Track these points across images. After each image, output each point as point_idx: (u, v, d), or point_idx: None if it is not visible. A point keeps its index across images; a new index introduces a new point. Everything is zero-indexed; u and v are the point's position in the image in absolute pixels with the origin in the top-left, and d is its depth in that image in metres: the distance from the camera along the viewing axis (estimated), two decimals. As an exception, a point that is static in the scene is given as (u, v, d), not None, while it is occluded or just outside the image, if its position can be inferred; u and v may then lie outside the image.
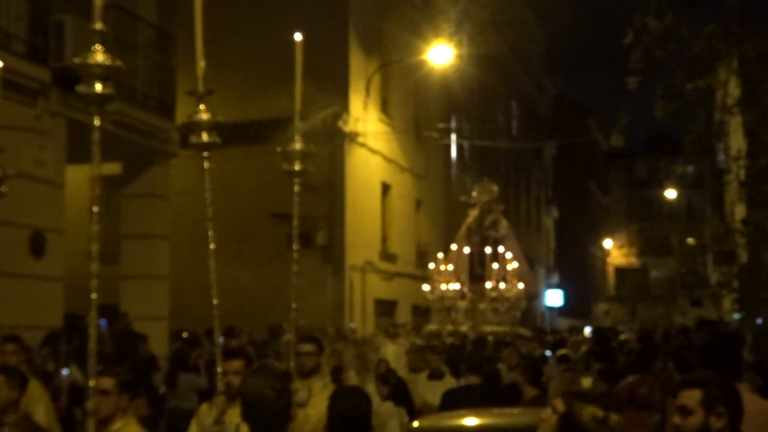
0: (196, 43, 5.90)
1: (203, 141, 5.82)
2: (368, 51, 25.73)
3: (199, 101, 5.91)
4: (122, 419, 5.85)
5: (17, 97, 13.01)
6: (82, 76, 4.69)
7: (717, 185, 37.03)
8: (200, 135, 5.82)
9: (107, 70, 4.69)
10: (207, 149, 5.89)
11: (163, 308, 17.14)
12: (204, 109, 5.81)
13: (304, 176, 6.94)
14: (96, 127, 4.80)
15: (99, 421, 5.44)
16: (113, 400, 5.80)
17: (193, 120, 5.87)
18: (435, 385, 12.12)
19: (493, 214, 26.49)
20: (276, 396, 4.43)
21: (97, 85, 4.64)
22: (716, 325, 16.14)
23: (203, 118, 5.82)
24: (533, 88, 49.67)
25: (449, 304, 23.88)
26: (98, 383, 5.52)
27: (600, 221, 70.29)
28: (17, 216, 13.04)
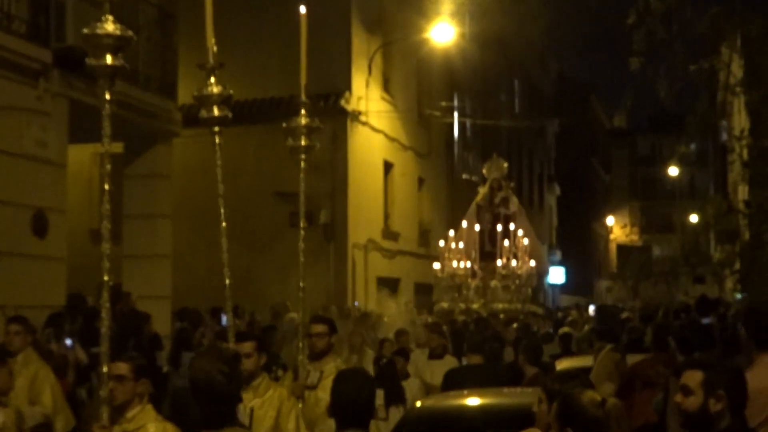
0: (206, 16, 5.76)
1: (214, 115, 5.69)
2: (370, 30, 25.65)
3: (210, 74, 5.76)
4: (138, 405, 5.67)
5: (19, 78, 13.01)
6: (91, 48, 4.47)
7: (720, 163, 37.00)
8: (211, 109, 5.68)
9: (118, 40, 4.51)
10: (218, 124, 5.76)
11: (165, 287, 17.17)
12: (214, 83, 5.67)
13: (310, 152, 6.81)
14: (106, 100, 4.62)
15: (114, 408, 5.39)
16: (130, 386, 5.63)
17: (204, 93, 5.74)
18: (435, 365, 12.16)
19: (504, 191, 26.58)
20: (225, 380, 4.42)
21: (108, 57, 4.47)
22: (717, 304, 16.13)
23: (214, 92, 5.69)
24: (536, 67, 49.54)
25: (460, 282, 23.90)
26: (114, 368, 5.43)
27: (602, 199, 70.26)
28: (20, 196, 13.06)
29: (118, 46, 4.53)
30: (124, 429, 5.54)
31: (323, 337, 7.62)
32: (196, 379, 4.50)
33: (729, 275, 18.80)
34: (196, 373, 4.52)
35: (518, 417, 7.19)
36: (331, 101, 23.53)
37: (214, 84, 5.66)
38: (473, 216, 26.03)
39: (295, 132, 6.88)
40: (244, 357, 6.32)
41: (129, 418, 5.60)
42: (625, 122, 22.71)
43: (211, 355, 4.65)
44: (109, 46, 4.49)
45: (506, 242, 24.23)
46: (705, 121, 13.67)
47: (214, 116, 5.71)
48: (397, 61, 27.75)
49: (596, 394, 3.79)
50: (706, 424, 4.33)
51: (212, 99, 5.67)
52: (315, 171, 23.44)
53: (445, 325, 16.46)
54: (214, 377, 4.42)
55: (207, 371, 4.45)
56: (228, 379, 4.44)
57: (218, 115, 5.71)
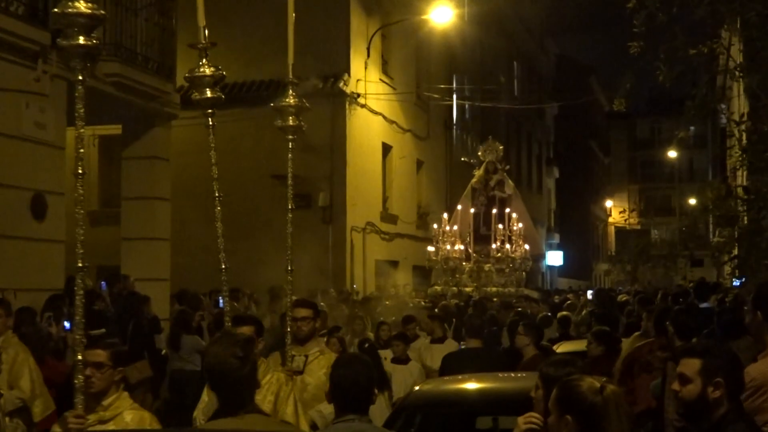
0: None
1: (207, 97, 5.53)
2: (369, 11, 25.59)
3: (202, 54, 5.53)
4: (115, 393, 5.59)
5: (17, 60, 12.96)
6: (62, 27, 4.30)
7: (719, 147, 36.98)
8: (203, 91, 5.52)
9: (90, 19, 4.29)
10: (211, 106, 5.58)
11: (164, 270, 17.16)
12: (207, 63, 5.48)
13: (298, 132, 6.67)
14: (80, 81, 4.43)
15: (91, 396, 5.31)
16: (108, 374, 5.52)
17: (195, 75, 5.55)
18: (435, 349, 12.18)
19: (499, 174, 26.31)
20: (239, 364, 4.40)
21: (80, 37, 4.26)
22: (716, 288, 16.16)
23: (206, 73, 5.51)
24: (535, 49, 49.43)
25: (453, 265, 23.72)
26: (92, 356, 5.35)
27: (601, 181, 70.26)
28: (18, 179, 13.04)
29: (90, 26, 4.32)
30: (100, 417, 5.46)
31: (308, 322, 7.40)
32: (211, 365, 4.49)
33: (727, 260, 18.80)
34: (210, 358, 4.51)
35: (517, 401, 7.21)
36: (329, 83, 23.50)
37: (207, 65, 5.48)
38: (468, 199, 25.90)
39: (283, 112, 6.63)
40: None
41: (105, 405, 5.51)
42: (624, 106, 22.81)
43: (225, 340, 4.62)
44: (80, 25, 4.27)
45: (500, 226, 24.08)
46: (704, 105, 13.63)
47: (207, 98, 5.54)
48: (396, 44, 27.70)
49: (595, 381, 3.79)
50: (704, 412, 4.33)
51: (204, 80, 5.50)
52: (313, 153, 23.49)
53: (437, 309, 16.50)
54: (227, 361, 4.40)
55: (221, 356, 4.44)
56: (242, 362, 4.41)
57: (211, 96, 5.54)
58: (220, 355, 4.45)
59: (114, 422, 5.48)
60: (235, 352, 4.42)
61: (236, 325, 6.33)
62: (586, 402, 3.72)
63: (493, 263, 23.96)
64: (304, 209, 23.49)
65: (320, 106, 23.50)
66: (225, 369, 4.41)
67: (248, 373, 4.45)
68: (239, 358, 4.41)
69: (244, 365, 4.42)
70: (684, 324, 8.79)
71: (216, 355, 4.49)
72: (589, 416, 3.69)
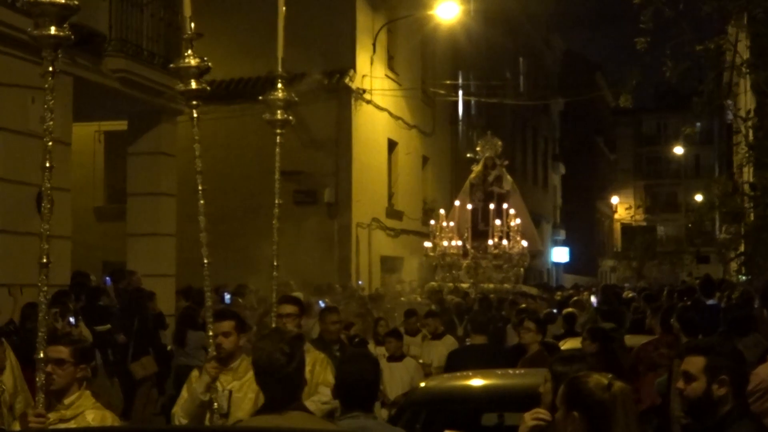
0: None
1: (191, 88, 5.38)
2: (375, 7, 25.56)
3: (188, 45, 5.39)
4: (77, 391, 5.47)
5: (23, 55, 12.96)
6: (34, 17, 4.20)
7: (726, 143, 36.89)
8: (188, 82, 5.37)
9: (63, 9, 4.23)
10: (195, 98, 5.43)
11: (170, 266, 17.17)
12: (192, 54, 5.34)
13: (285, 126, 6.57)
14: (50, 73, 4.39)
15: (52, 393, 5.23)
16: (69, 371, 5.42)
17: (180, 65, 5.40)
18: (433, 345, 12.18)
19: (497, 169, 26.10)
20: (286, 360, 4.39)
21: (52, 27, 4.19)
22: (722, 285, 16.12)
23: (191, 63, 5.36)
24: (541, 44, 49.36)
25: (451, 261, 23.50)
26: (53, 352, 5.28)
27: (607, 177, 70.15)
28: (24, 174, 13.04)
29: (63, 15, 4.25)
30: (61, 416, 5.36)
31: (293, 318, 7.25)
32: (258, 360, 4.49)
33: (734, 257, 18.78)
34: (258, 353, 4.52)
35: (522, 398, 7.20)
36: (335, 79, 23.48)
37: (192, 55, 5.34)
38: (466, 194, 25.69)
39: (271, 105, 6.56)
40: (222, 336, 6.24)
41: (67, 404, 5.41)
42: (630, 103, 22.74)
43: (273, 336, 4.65)
44: (53, 14, 4.21)
45: (498, 221, 23.90)
46: (711, 101, 13.61)
47: (191, 89, 5.39)
48: (402, 39, 27.67)
49: (603, 377, 3.79)
50: (709, 410, 4.33)
51: (190, 71, 5.37)
52: (319, 149, 23.52)
53: (434, 305, 16.49)
54: (274, 357, 4.40)
55: (268, 351, 4.44)
56: (288, 359, 4.40)
57: (195, 88, 5.39)
58: (267, 351, 4.45)
59: (75, 421, 5.37)
60: (282, 348, 4.43)
61: (217, 320, 6.22)
62: (594, 398, 3.72)
63: (490, 259, 23.77)
64: (310, 205, 23.50)
65: (326, 102, 23.52)
66: (271, 365, 4.41)
67: (294, 370, 4.44)
68: (286, 355, 4.41)
69: (291, 362, 4.42)
70: (690, 321, 8.80)
71: (263, 349, 4.49)
72: (596, 413, 3.69)
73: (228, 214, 21.41)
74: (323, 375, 7.14)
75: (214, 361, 5.98)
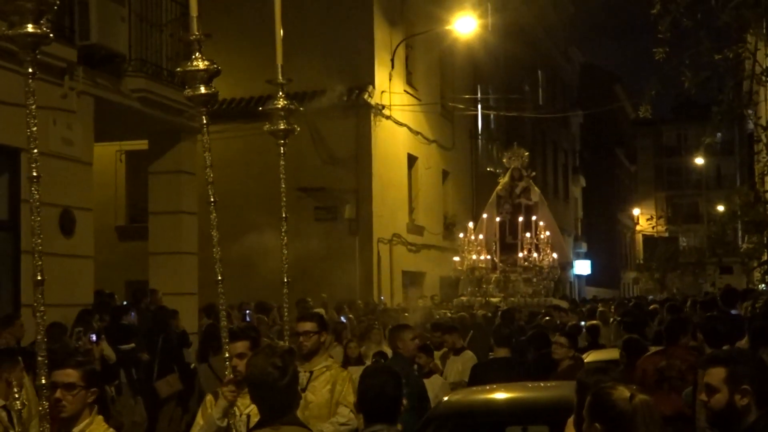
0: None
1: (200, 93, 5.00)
2: (393, 23, 25.65)
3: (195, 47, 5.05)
4: (88, 417, 5.09)
5: (44, 76, 13.06)
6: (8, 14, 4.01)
7: (747, 152, 36.73)
8: (197, 87, 5.00)
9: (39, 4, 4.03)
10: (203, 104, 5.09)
11: (192, 284, 17.21)
12: (200, 57, 5.00)
13: (288, 136, 6.26)
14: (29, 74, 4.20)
15: (60, 421, 4.97)
16: (80, 396, 5.04)
17: (188, 69, 5.03)
18: (451, 360, 12.13)
19: (524, 181, 25.83)
20: (279, 373, 4.40)
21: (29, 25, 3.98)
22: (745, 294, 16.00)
23: (199, 67, 4.98)
24: (560, 57, 49.35)
25: (480, 275, 23.31)
26: (62, 376, 5.00)
27: (628, 189, 69.98)
28: (46, 195, 13.05)
29: (39, 11, 4.02)
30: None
31: (311, 336, 6.95)
32: (252, 375, 4.50)
33: (756, 266, 18.66)
34: (251, 369, 4.52)
35: (545, 411, 7.19)
36: (354, 95, 23.55)
37: (200, 58, 4.96)
38: (493, 207, 25.46)
39: (272, 115, 6.24)
40: (237, 358, 5.90)
41: None
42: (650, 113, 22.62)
43: (265, 351, 4.60)
44: (28, 11, 3.96)
45: (527, 234, 23.68)
46: (731, 110, 13.55)
47: (200, 94, 5.01)
48: (420, 54, 27.74)
49: (627, 389, 3.78)
50: (733, 420, 4.31)
51: (198, 75, 4.96)
52: (339, 166, 23.57)
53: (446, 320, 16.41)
54: (267, 371, 4.40)
55: (261, 366, 4.44)
56: (281, 372, 4.40)
57: (205, 92, 5.01)
58: (260, 366, 4.46)
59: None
60: (275, 362, 4.42)
61: (232, 341, 5.85)
62: (615, 410, 3.71)
63: (520, 272, 23.58)
64: (331, 221, 23.56)
65: (345, 119, 23.61)
66: (264, 379, 4.41)
67: (288, 384, 4.45)
68: (279, 369, 4.41)
69: (284, 376, 4.42)
70: (713, 331, 8.72)
71: (255, 364, 4.49)
72: (617, 424, 3.68)
73: (249, 230, 21.49)
74: (344, 393, 6.83)
75: (231, 384, 5.61)
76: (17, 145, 12.72)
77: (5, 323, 10.93)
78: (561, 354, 9.97)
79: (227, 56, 19.30)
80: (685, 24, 11.98)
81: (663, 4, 11.62)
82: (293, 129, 6.25)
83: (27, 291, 12.64)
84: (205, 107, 5.16)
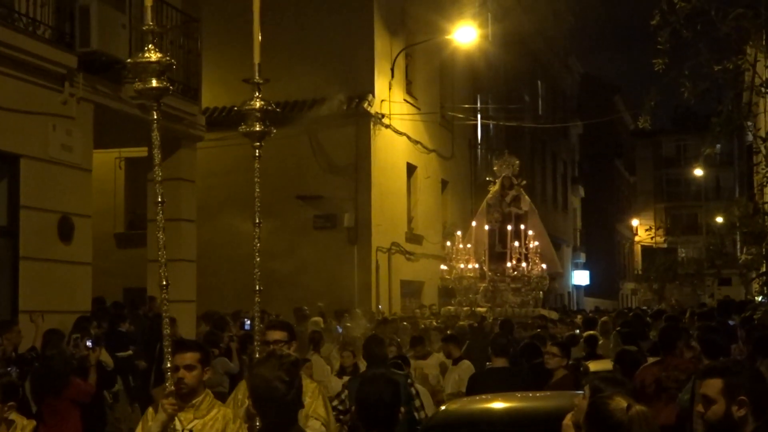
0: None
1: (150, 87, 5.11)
2: (393, 32, 25.68)
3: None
4: None
5: (44, 83, 13.09)
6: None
7: (746, 164, 36.77)
8: (148, 80, 5.09)
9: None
10: (156, 98, 5.22)
11: (190, 291, 17.20)
12: (153, 49, 5.16)
13: (265, 138, 6.14)
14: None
15: None
16: None
17: (138, 60, 5.12)
18: (450, 370, 12.13)
19: (515, 189, 25.35)
20: (285, 388, 4.38)
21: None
22: (742, 306, 16.03)
23: (151, 59, 5.09)
24: (559, 67, 49.42)
25: (468, 284, 22.96)
26: None
27: (627, 200, 70.01)
28: (46, 201, 13.14)
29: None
30: None
31: (281, 346, 6.48)
32: (256, 387, 4.47)
33: (755, 276, 18.68)
34: (256, 380, 4.48)
35: (543, 420, 7.18)
36: (353, 104, 23.57)
37: (153, 50, 5.09)
38: (483, 215, 25.03)
39: (248, 116, 6.11)
40: (184, 369, 5.65)
41: None
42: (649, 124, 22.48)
43: (271, 362, 4.53)
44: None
45: (516, 243, 23.24)
46: (730, 121, 13.56)
47: (151, 87, 5.07)
48: (420, 64, 27.77)
49: (624, 400, 3.79)
50: (730, 431, 4.30)
51: (150, 67, 5.02)
52: (338, 174, 23.59)
53: (450, 330, 16.37)
54: (273, 385, 4.37)
55: (267, 379, 4.40)
56: (287, 387, 4.39)
57: (156, 86, 5.06)
58: (265, 377, 4.41)
59: None
60: (281, 376, 4.39)
61: (178, 352, 5.64)
62: (612, 420, 3.73)
63: (508, 282, 23.15)
64: (330, 230, 23.57)
65: (345, 127, 23.63)
66: (270, 393, 4.38)
67: (293, 398, 4.43)
68: (285, 383, 4.39)
69: (290, 390, 4.40)
70: (711, 342, 8.73)
71: (261, 376, 4.45)
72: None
73: (247, 238, 21.48)
74: (314, 406, 6.50)
75: (172, 397, 5.31)
76: (16, 151, 12.74)
77: (3, 329, 10.91)
78: (554, 364, 9.94)
79: (227, 64, 19.29)
80: (684, 35, 12.01)
81: (663, 15, 11.65)
82: (270, 131, 6.12)
83: (25, 297, 12.64)
84: (156, 102, 5.17)
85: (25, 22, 12.61)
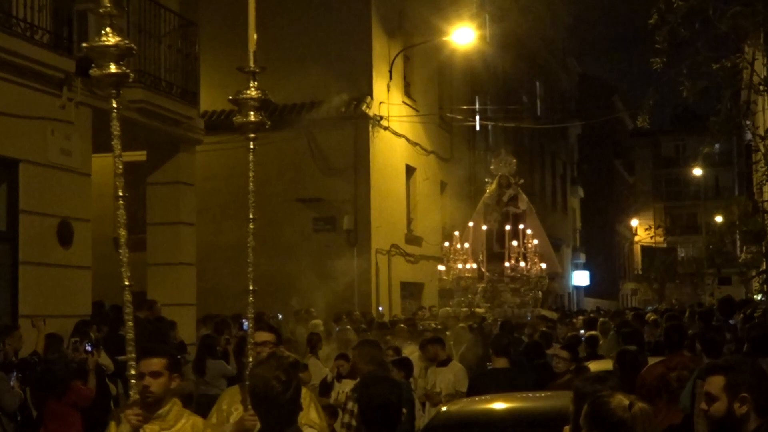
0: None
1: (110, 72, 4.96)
2: (391, 34, 25.69)
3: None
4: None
5: (42, 87, 13.08)
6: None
7: (745, 163, 36.77)
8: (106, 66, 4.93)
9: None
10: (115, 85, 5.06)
11: (190, 294, 17.21)
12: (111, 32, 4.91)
13: (260, 129, 5.99)
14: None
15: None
16: None
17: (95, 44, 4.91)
18: (439, 372, 12.03)
19: (512, 188, 25.01)
20: (282, 388, 4.38)
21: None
22: (743, 304, 16.02)
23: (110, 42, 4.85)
24: (558, 68, 49.43)
25: (465, 285, 22.71)
26: None
27: (626, 200, 70.00)
28: (45, 205, 13.13)
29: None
30: None
31: (269, 347, 6.22)
32: (255, 387, 4.47)
33: (755, 275, 18.69)
34: (255, 380, 4.49)
35: (545, 421, 7.17)
36: (352, 106, 23.57)
37: (111, 33, 4.84)
38: (480, 215, 24.77)
39: (243, 105, 5.92)
40: (150, 376, 5.33)
41: None
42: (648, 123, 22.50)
43: (270, 362, 4.54)
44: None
45: (515, 243, 22.98)
46: (729, 120, 13.56)
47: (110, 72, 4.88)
48: (418, 66, 27.78)
49: (625, 398, 3.78)
50: (733, 429, 4.31)
51: (109, 51, 4.83)
52: (337, 176, 23.59)
53: (448, 331, 16.27)
54: (270, 385, 4.38)
55: (265, 378, 4.41)
56: (285, 387, 4.39)
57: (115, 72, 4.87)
58: (264, 377, 4.42)
59: None
60: (279, 376, 4.40)
61: (143, 358, 5.36)
62: (614, 418, 3.71)
63: (507, 282, 22.93)
64: (329, 232, 23.56)
65: (343, 129, 23.63)
66: (268, 393, 4.39)
67: (291, 398, 4.43)
68: (283, 383, 4.39)
69: (287, 390, 4.40)
70: (712, 341, 8.73)
71: (260, 376, 4.45)
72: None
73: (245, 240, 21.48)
74: (306, 413, 6.23)
75: (136, 407, 5.07)
76: (16, 156, 12.74)
77: (4, 333, 10.91)
78: (562, 367, 9.94)
79: (226, 68, 19.28)
80: (682, 34, 12.01)
81: (660, 14, 11.65)
82: (265, 121, 6.00)
83: (25, 302, 12.64)
84: (116, 89, 4.96)
85: (23, 27, 12.61)
